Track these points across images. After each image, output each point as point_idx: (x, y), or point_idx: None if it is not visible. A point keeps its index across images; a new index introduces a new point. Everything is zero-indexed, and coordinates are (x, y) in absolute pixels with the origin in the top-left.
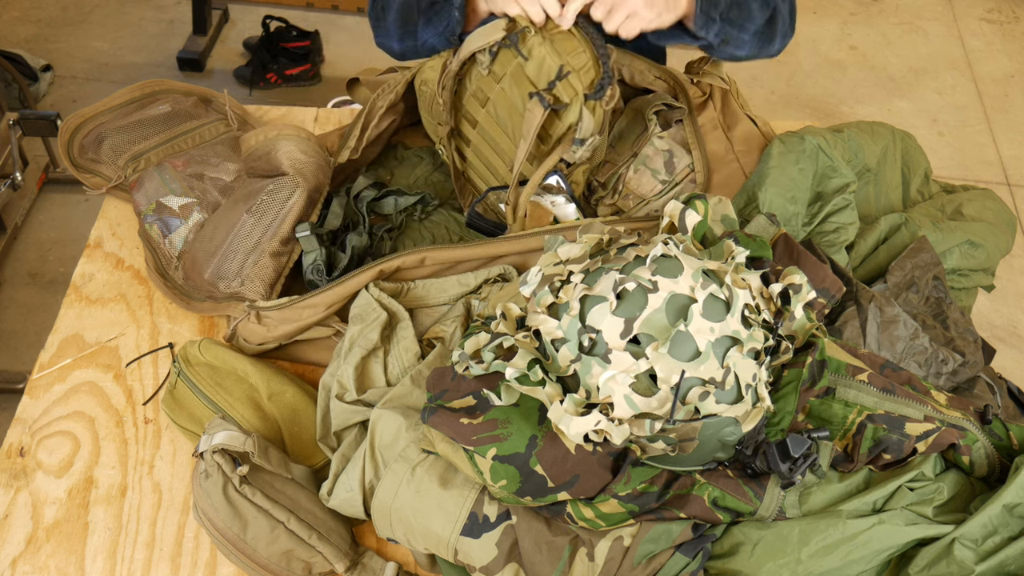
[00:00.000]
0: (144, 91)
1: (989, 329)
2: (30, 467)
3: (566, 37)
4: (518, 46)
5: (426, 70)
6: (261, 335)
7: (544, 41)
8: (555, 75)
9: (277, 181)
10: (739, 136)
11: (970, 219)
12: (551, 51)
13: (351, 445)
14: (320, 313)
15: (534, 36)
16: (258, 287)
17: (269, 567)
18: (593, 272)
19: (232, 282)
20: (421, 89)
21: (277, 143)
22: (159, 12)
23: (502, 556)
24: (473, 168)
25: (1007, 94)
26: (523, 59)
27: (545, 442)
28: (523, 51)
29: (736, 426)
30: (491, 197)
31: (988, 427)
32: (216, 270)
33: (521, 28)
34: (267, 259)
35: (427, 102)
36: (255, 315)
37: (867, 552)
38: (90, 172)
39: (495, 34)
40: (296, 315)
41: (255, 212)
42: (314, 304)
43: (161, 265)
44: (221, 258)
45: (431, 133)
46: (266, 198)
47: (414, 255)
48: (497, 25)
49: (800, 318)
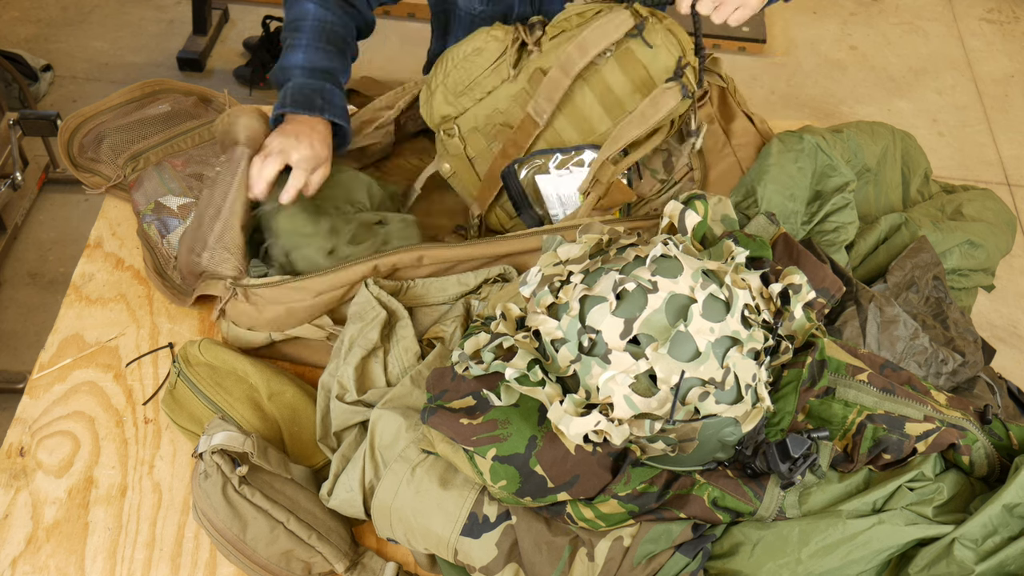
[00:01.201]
0: (144, 91)
1: (989, 329)
2: (30, 467)
3: (677, 29)
4: (644, 35)
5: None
6: (250, 316)
7: (666, 32)
8: (674, 65)
9: (231, 149)
10: (736, 131)
11: (970, 219)
12: (672, 42)
13: (351, 445)
14: (309, 299)
15: (657, 24)
16: (231, 261)
17: (269, 567)
18: (593, 272)
19: (203, 254)
20: (470, 58)
21: (238, 118)
22: (159, 12)
23: (502, 556)
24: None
25: (1007, 94)
26: (648, 47)
27: (545, 442)
28: (648, 40)
29: (736, 426)
30: (539, 161)
31: (988, 427)
32: (188, 247)
33: (644, 17)
34: (235, 230)
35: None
36: (243, 293)
37: (867, 552)
38: (89, 171)
39: (619, 31)
40: (286, 295)
41: (212, 184)
42: (303, 287)
43: (159, 265)
44: (190, 236)
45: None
46: (220, 169)
47: (411, 252)
48: (620, 21)
49: (800, 318)
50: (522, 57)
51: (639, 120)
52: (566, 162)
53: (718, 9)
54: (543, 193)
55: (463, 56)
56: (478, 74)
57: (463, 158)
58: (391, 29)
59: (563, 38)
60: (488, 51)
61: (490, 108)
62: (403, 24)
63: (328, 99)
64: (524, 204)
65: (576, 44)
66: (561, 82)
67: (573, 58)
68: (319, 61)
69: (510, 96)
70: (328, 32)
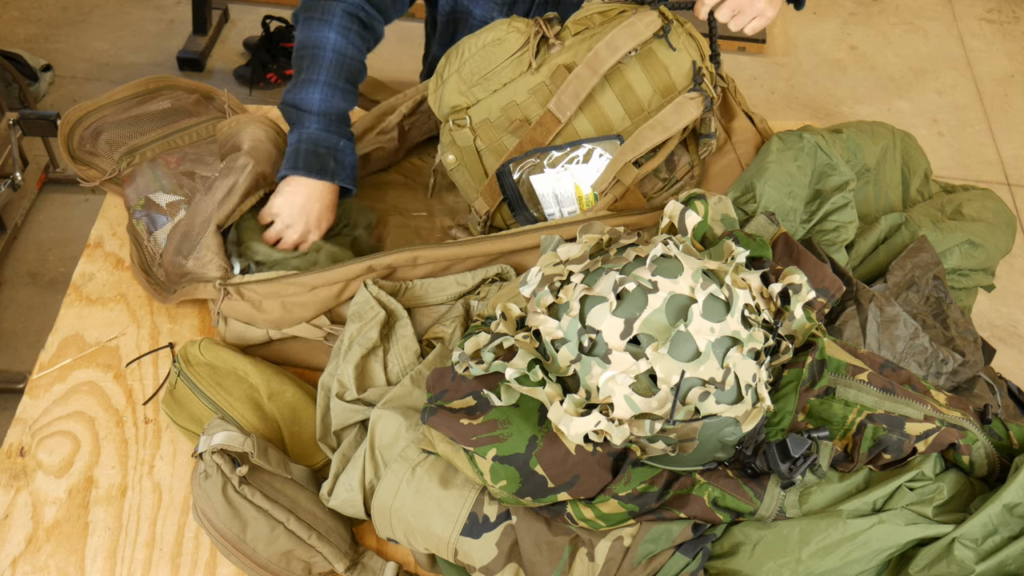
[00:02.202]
0: (148, 87)
1: (989, 329)
2: (30, 467)
3: (696, 34)
4: (668, 37)
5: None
6: (248, 313)
7: (687, 36)
8: (692, 70)
9: (232, 157)
10: (736, 129)
11: (970, 219)
12: (692, 46)
13: (351, 445)
14: (305, 292)
15: (679, 28)
16: (216, 262)
17: (269, 567)
18: (593, 272)
19: (187, 259)
20: (489, 48)
21: (246, 126)
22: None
23: (502, 556)
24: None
25: (1007, 94)
26: (672, 49)
27: (545, 442)
28: (671, 42)
29: (736, 426)
30: (533, 161)
31: (988, 427)
32: (175, 248)
33: (670, 20)
34: (212, 233)
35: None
36: (235, 291)
37: (867, 552)
38: (87, 165)
39: (648, 31)
40: (281, 289)
41: (208, 190)
42: (299, 282)
43: (145, 261)
44: (179, 237)
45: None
46: (217, 175)
47: (406, 253)
48: (648, 22)
49: (800, 318)
50: (542, 50)
51: (662, 127)
52: (560, 159)
53: (736, 18)
54: (538, 193)
55: (481, 45)
56: (496, 64)
57: (472, 150)
58: (388, 28)
59: (587, 35)
60: (508, 42)
61: (506, 100)
62: (400, 24)
63: (340, 160)
64: (519, 205)
65: (606, 42)
66: (589, 80)
67: (602, 56)
68: (336, 103)
69: (528, 89)
70: (348, 68)
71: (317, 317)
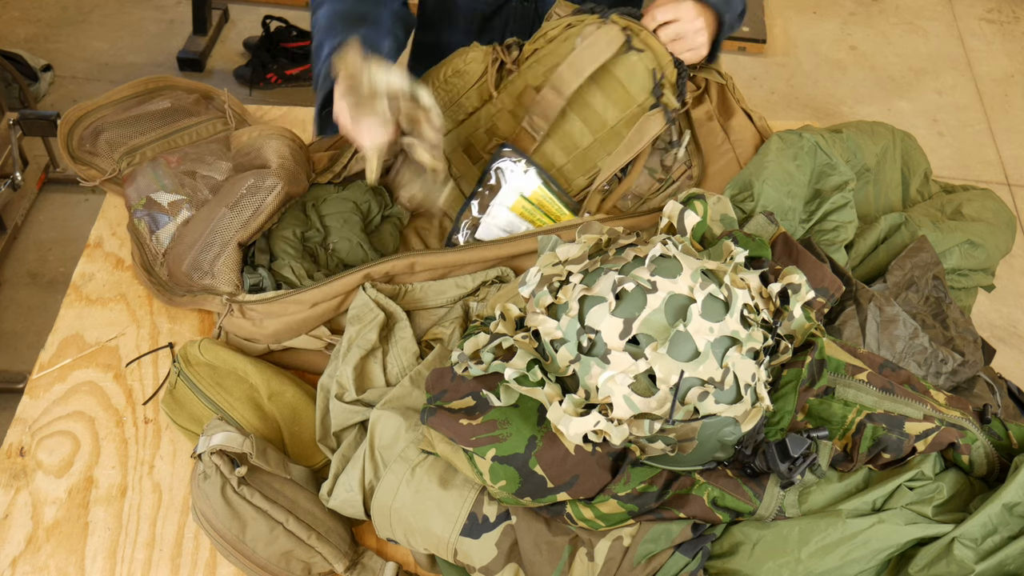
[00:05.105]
0: (148, 86)
1: (989, 329)
2: (30, 467)
3: (653, 41)
4: (633, 44)
5: (459, 63)
6: (248, 331)
7: (643, 44)
8: (650, 81)
9: (259, 174)
10: (735, 127)
11: (970, 219)
12: (649, 56)
13: (351, 445)
14: (305, 310)
15: (635, 38)
16: (230, 277)
17: (268, 568)
18: (592, 272)
19: (206, 274)
20: (451, 80)
21: (269, 140)
22: (159, 12)
23: (502, 556)
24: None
25: (1007, 94)
26: (638, 52)
27: (544, 443)
28: (637, 46)
29: (735, 426)
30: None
31: (987, 426)
32: (193, 261)
33: (631, 32)
34: (233, 250)
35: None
36: (238, 309)
37: (867, 551)
38: (86, 165)
39: (611, 49)
40: (281, 309)
41: (235, 207)
42: (300, 300)
43: (147, 260)
44: (198, 250)
45: None
46: (245, 192)
47: (403, 260)
48: (610, 39)
49: (799, 317)
50: (503, 77)
51: (625, 150)
52: (485, 203)
53: (675, 43)
54: (483, 239)
55: (443, 79)
56: (459, 95)
57: (449, 178)
58: None
59: (544, 53)
60: (469, 72)
61: (471, 129)
62: None
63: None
64: None
65: (568, 64)
66: (555, 102)
67: (565, 78)
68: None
69: (490, 116)
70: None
71: (316, 328)
